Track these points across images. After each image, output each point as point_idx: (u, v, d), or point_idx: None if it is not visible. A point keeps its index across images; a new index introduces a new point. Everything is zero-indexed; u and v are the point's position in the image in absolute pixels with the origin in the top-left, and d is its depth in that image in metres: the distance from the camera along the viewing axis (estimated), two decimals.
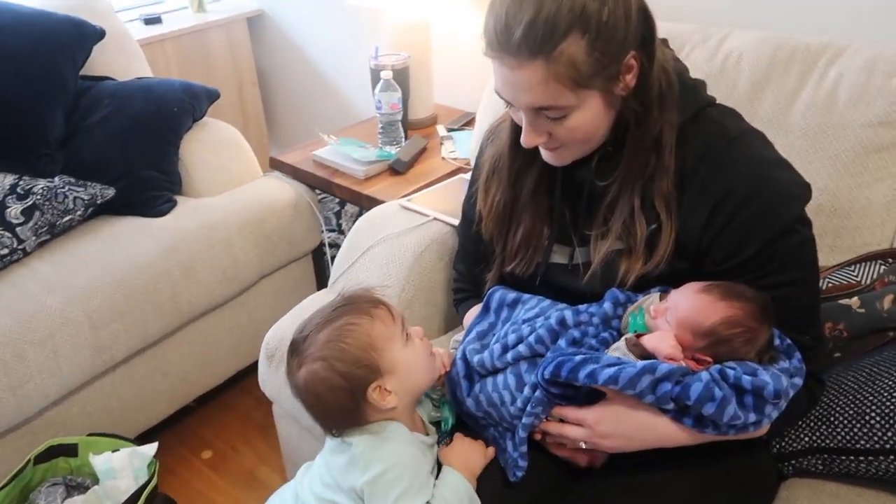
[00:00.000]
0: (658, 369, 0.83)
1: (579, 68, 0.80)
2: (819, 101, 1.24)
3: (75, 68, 1.74)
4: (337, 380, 0.86)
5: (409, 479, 0.86)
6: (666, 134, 0.89)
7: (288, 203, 1.84)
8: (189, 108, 1.79)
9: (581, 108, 0.84)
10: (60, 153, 1.68)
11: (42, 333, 1.43)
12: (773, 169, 0.90)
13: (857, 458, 0.94)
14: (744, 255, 0.89)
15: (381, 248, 1.37)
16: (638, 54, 0.84)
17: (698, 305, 0.87)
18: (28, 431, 1.48)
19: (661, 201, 0.90)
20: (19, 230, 1.51)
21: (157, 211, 1.69)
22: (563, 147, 0.92)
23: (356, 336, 0.87)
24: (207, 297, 1.69)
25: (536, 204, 1.01)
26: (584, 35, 0.79)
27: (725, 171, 0.89)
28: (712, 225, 0.90)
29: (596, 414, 0.89)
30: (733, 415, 0.82)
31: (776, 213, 0.88)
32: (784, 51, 1.29)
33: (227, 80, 2.54)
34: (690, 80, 0.96)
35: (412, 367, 0.91)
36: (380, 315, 0.90)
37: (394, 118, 1.84)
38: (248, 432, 1.85)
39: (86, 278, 1.51)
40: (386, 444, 0.88)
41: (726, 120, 0.94)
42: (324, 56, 2.49)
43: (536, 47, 0.79)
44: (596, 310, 0.94)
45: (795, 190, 0.90)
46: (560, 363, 0.86)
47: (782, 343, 0.91)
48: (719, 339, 0.86)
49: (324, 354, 0.87)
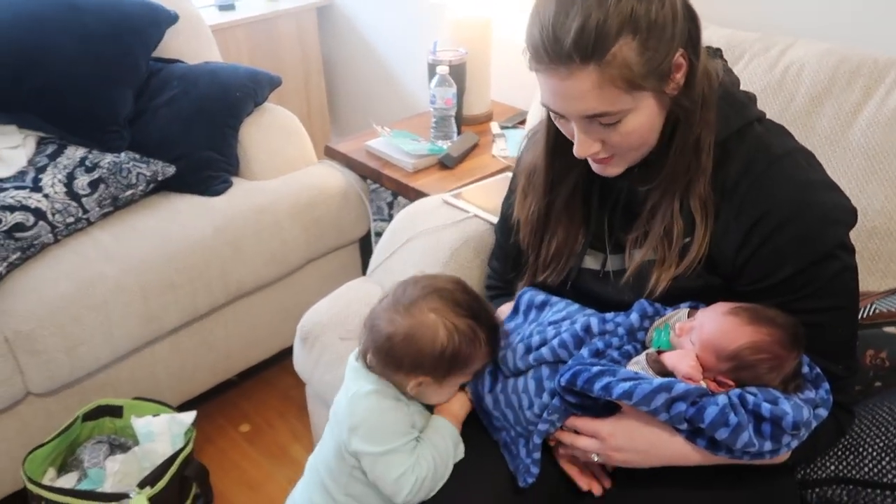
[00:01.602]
0: (674, 388, 0.81)
1: (633, 69, 0.79)
2: (882, 118, 1.18)
3: (148, 50, 1.83)
4: (420, 354, 0.89)
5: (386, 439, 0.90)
6: (705, 135, 0.88)
7: (338, 191, 1.88)
8: (251, 94, 1.85)
9: (636, 111, 0.83)
10: (128, 130, 1.76)
11: (98, 300, 1.51)
12: (817, 192, 0.87)
13: (885, 493, 0.90)
14: (777, 276, 0.87)
15: (419, 242, 1.39)
16: (686, 52, 0.83)
17: (724, 328, 0.85)
18: (79, 390, 1.57)
19: (698, 203, 0.89)
20: (85, 201, 1.60)
21: (214, 191, 1.76)
22: (617, 156, 0.90)
23: (472, 352, 0.91)
24: (255, 276, 1.75)
25: (570, 213, 1.00)
26: (634, 36, 0.78)
27: (765, 191, 0.87)
28: (747, 245, 0.87)
29: (609, 427, 0.88)
30: (747, 442, 0.80)
31: (816, 238, 0.85)
32: (848, 64, 1.24)
33: (294, 68, 2.60)
34: (740, 93, 0.94)
35: (444, 395, 0.96)
36: (484, 354, 0.94)
37: (447, 113, 1.85)
38: (286, 410, 1.90)
39: (142, 251, 1.59)
40: (366, 398, 0.92)
41: (772, 137, 0.91)
42: (387, 48, 2.53)
43: (589, 53, 0.78)
44: (622, 320, 0.93)
45: (839, 215, 0.87)
46: (577, 372, 0.86)
47: (811, 371, 0.88)
48: (743, 365, 0.83)
49: (447, 329, 0.89)
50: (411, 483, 0.89)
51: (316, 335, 1.35)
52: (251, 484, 1.70)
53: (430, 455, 0.91)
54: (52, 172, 1.62)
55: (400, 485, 0.89)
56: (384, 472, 0.90)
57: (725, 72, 0.95)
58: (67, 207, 1.58)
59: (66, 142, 1.73)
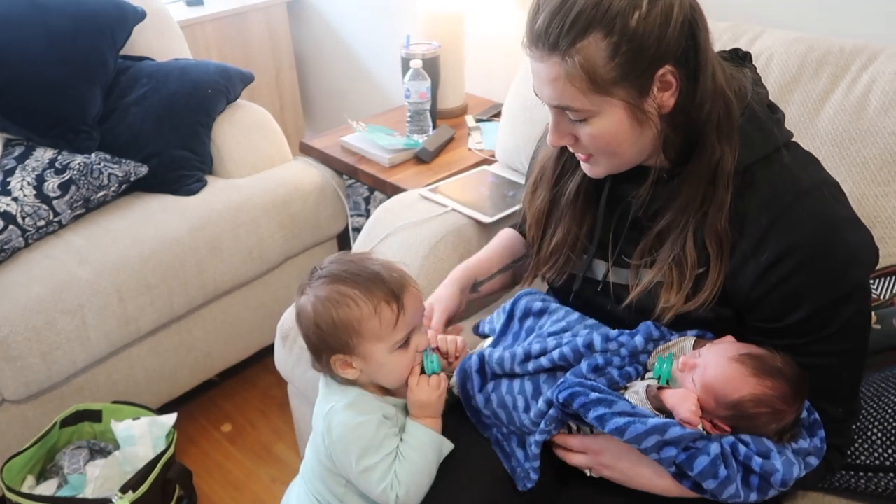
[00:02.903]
0: (668, 432, 0.79)
1: (597, 72, 0.75)
2: (849, 105, 1.20)
3: (115, 48, 1.79)
4: (312, 332, 0.89)
5: (360, 449, 0.88)
6: (724, 165, 0.81)
7: (314, 187, 1.87)
8: (223, 91, 1.83)
9: (601, 116, 0.80)
10: (97, 130, 1.74)
11: (72, 303, 1.49)
12: (843, 231, 0.81)
13: (857, 474, 0.92)
14: (791, 318, 0.83)
15: (398, 237, 1.39)
16: (676, 70, 0.77)
17: (729, 375, 0.81)
18: (56, 396, 1.55)
19: (713, 239, 0.83)
20: (56, 203, 1.57)
21: (188, 190, 1.74)
22: (594, 156, 0.87)
23: (347, 315, 0.87)
24: (232, 275, 1.74)
25: (575, 211, 0.96)
26: (606, 36, 0.74)
27: (789, 229, 0.81)
28: (763, 283, 0.82)
29: (600, 444, 0.88)
30: (733, 493, 0.79)
31: (836, 280, 0.81)
32: (816, 52, 1.26)
33: (266, 64, 2.58)
34: (766, 113, 0.86)
35: (385, 368, 0.91)
36: (385, 314, 0.87)
37: (422, 107, 1.85)
38: (267, 409, 1.90)
39: (116, 252, 1.57)
40: (339, 413, 0.90)
41: (800, 167, 0.84)
42: (359, 43, 2.51)
43: (553, 41, 0.76)
44: (626, 340, 0.90)
45: (863, 256, 0.82)
46: (574, 394, 0.84)
47: (809, 417, 0.85)
48: (742, 415, 0.81)
49: (314, 303, 0.88)
50: (394, 499, 0.88)
51: (296, 333, 1.34)
52: (235, 484, 1.70)
53: (407, 473, 0.88)
54: (21, 175, 1.59)
55: (386, 497, 0.88)
56: (367, 487, 0.89)
57: (754, 84, 0.87)
58: (38, 210, 1.55)
59: (34, 143, 1.70)
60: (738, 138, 0.82)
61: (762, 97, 0.87)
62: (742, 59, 0.93)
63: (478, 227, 1.44)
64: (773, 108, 0.89)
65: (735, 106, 0.82)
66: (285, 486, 1.07)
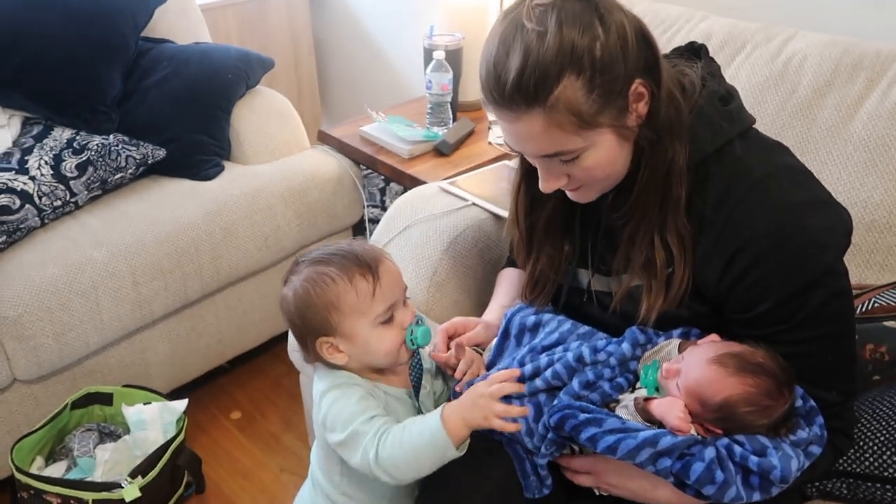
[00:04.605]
0: (660, 442, 0.79)
1: (581, 110, 0.76)
2: (884, 111, 1.18)
3: (136, 30, 1.78)
4: (295, 316, 0.91)
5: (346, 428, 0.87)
6: (676, 164, 0.82)
7: (332, 176, 1.86)
8: (243, 76, 1.81)
9: (594, 147, 0.80)
10: (116, 112, 1.72)
11: (86, 285, 1.48)
12: (801, 216, 0.81)
13: (885, 486, 0.91)
14: (760, 308, 0.83)
15: (417, 229, 1.38)
16: (645, 81, 0.79)
17: (709, 378, 0.81)
18: (68, 377, 1.54)
19: (675, 237, 0.84)
20: (72, 184, 1.57)
21: (205, 175, 1.72)
22: (585, 186, 0.87)
23: (325, 292, 0.88)
24: (247, 262, 1.73)
25: (552, 236, 0.98)
26: (578, 76, 0.75)
27: (743, 221, 0.82)
28: (727, 276, 0.83)
29: (602, 464, 0.88)
30: (735, 496, 0.78)
31: (799, 267, 0.80)
32: (851, 56, 1.23)
33: (285, 50, 2.56)
34: (717, 107, 0.85)
35: (370, 346, 0.90)
36: (361, 286, 0.88)
37: (443, 99, 1.83)
38: (277, 398, 1.89)
39: (131, 235, 1.56)
40: (328, 393, 0.90)
41: (753, 157, 0.84)
42: (380, 31, 2.49)
43: (531, 96, 0.75)
44: (614, 349, 0.90)
45: (825, 238, 0.81)
46: (564, 417, 0.84)
47: (804, 405, 0.84)
48: (729, 416, 0.80)
49: (296, 288, 0.90)
50: (373, 455, 0.85)
51: None
52: (243, 472, 1.69)
53: (392, 443, 0.85)
54: (39, 154, 1.58)
55: (366, 459, 0.85)
56: (350, 458, 0.87)
57: (709, 76, 0.88)
58: (55, 190, 1.54)
59: (52, 122, 1.69)
60: (686, 135, 0.83)
61: (713, 90, 0.87)
62: (696, 52, 0.92)
63: (498, 222, 1.42)
64: (728, 98, 0.88)
65: (682, 104, 0.83)
66: (294, 477, 1.07)
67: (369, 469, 0.86)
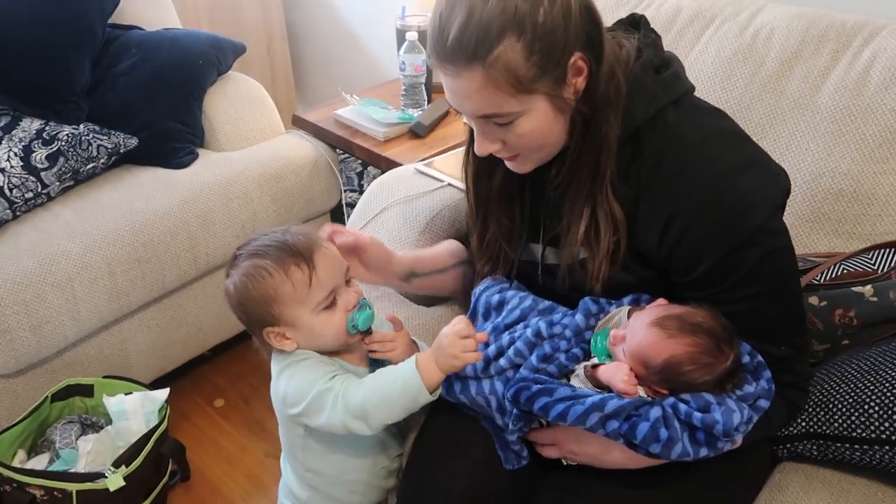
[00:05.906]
0: (607, 406, 0.81)
1: (518, 73, 0.77)
2: (850, 82, 1.19)
3: (104, 16, 1.75)
4: (238, 309, 0.93)
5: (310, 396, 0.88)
6: (610, 137, 0.84)
7: (308, 161, 1.85)
8: (214, 62, 1.79)
9: (528, 114, 0.81)
10: (86, 100, 1.70)
11: (62, 276, 1.47)
12: (730, 178, 0.83)
13: (853, 447, 0.93)
14: (698, 270, 0.86)
15: (394, 211, 1.38)
16: (585, 55, 0.80)
17: (650, 340, 0.83)
18: (47, 370, 1.53)
19: (612, 205, 0.87)
20: (44, 175, 1.55)
21: (179, 163, 1.71)
22: (521, 155, 0.89)
23: (262, 285, 0.89)
24: (225, 249, 1.72)
25: (502, 206, 0.99)
26: (519, 37, 0.76)
27: (675, 188, 0.84)
28: (665, 241, 0.86)
29: (561, 434, 0.91)
30: (681, 452, 0.81)
31: (730, 228, 0.83)
32: (817, 28, 1.24)
33: (257, 34, 2.53)
34: (650, 76, 0.87)
35: (315, 331, 0.91)
36: (297, 276, 0.89)
37: (417, 80, 1.83)
38: (260, 384, 1.89)
39: (106, 225, 1.54)
40: (285, 373, 0.92)
41: (684, 123, 0.87)
42: (354, 13, 2.47)
43: (470, 53, 0.77)
44: (569, 321, 0.92)
45: (755, 199, 0.83)
46: (519, 389, 0.86)
47: (752, 361, 0.87)
48: (671, 376, 0.83)
49: (235, 282, 0.91)
50: (341, 409, 0.86)
51: None
52: (228, 459, 1.70)
53: (364, 390, 0.86)
54: (8, 146, 1.56)
55: (335, 414, 0.86)
56: (317, 419, 0.88)
57: (646, 46, 0.89)
58: (25, 182, 1.52)
59: (20, 113, 1.66)
60: (621, 106, 0.84)
61: (647, 60, 0.88)
62: (636, 23, 0.94)
63: None
64: (664, 66, 0.89)
65: (622, 83, 0.84)
66: (278, 462, 1.08)
67: (340, 420, 0.86)
